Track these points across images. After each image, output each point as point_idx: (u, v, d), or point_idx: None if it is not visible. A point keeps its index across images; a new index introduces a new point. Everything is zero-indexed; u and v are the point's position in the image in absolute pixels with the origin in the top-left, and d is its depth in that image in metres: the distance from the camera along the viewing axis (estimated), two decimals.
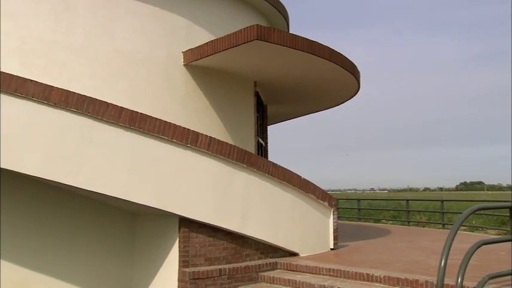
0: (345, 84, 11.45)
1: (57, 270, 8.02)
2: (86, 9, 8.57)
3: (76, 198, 8.23)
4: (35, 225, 7.94)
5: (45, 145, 6.64)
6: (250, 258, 8.13)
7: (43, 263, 7.92)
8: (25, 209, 7.92)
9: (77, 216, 8.27)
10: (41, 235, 7.96)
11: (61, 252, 8.08)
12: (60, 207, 8.15)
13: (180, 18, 9.41)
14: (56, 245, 8.05)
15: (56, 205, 8.12)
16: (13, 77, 6.59)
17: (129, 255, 8.58)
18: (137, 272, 8.49)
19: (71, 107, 6.73)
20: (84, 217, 8.31)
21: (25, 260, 7.82)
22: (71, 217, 8.22)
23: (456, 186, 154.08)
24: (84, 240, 8.28)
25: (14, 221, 7.81)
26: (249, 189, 7.98)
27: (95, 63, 8.55)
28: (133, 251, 8.60)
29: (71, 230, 8.20)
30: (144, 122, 7.08)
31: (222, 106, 9.99)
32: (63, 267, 8.06)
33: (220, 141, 7.64)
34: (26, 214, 7.91)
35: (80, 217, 8.29)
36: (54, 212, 8.10)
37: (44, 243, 7.97)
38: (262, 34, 7.91)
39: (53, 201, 8.11)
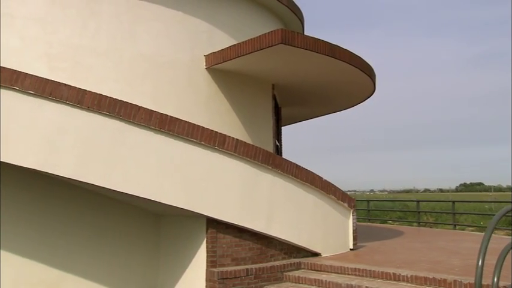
0: (361, 86, 11.59)
1: (84, 270, 8.18)
2: (111, 14, 8.72)
3: (103, 199, 8.39)
4: (65, 226, 8.10)
5: (78, 148, 6.79)
6: (275, 258, 8.26)
7: (72, 262, 8.08)
8: (55, 211, 8.08)
9: (104, 217, 8.42)
10: (70, 236, 8.12)
11: (88, 252, 8.23)
12: (88, 209, 8.31)
13: (202, 22, 9.56)
14: (83, 245, 8.20)
15: (83, 206, 8.28)
16: (48, 81, 6.75)
17: (154, 255, 8.72)
18: (162, 272, 8.63)
19: (103, 110, 6.88)
20: (110, 218, 8.46)
21: (55, 261, 7.98)
22: (98, 218, 8.37)
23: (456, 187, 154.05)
24: (111, 240, 8.43)
25: (45, 222, 7.98)
26: (273, 190, 8.12)
27: (120, 66, 8.70)
28: (159, 251, 8.75)
29: (98, 231, 8.35)
30: (174, 125, 7.22)
31: (242, 109, 10.13)
32: (90, 266, 8.21)
33: (246, 144, 7.78)
34: (55, 215, 8.07)
35: (107, 218, 8.44)
36: (82, 213, 8.26)
37: (73, 243, 8.13)
38: (286, 38, 8.05)
39: (81, 202, 8.27)
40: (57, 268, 8.03)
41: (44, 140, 6.69)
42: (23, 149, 6.62)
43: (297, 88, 11.73)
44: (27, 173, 7.91)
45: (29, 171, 7.80)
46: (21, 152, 6.62)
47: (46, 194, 8.11)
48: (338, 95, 12.38)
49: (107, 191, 7.34)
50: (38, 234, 7.97)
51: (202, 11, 9.58)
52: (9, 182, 7.86)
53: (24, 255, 7.87)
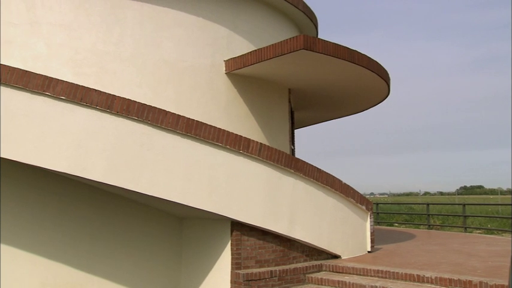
0: (376, 90, 11.73)
1: (109, 272, 8.33)
2: (134, 21, 8.88)
3: (127, 202, 8.54)
4: (91, 229, 8.26)
5: (108, 152, 6.95)
6: (297, 260, 8.39)
7: (97, 265, 8.23)
8: (81, 214, 8.24)
9: (128, 220, 8.57)
10: (96, 238, 8.27)
11: (113, 255, 8.38)
12: (113, 212, 8.46)
13: (221, 28, 9.72)
14: (108, 248, 8.35)
15: (109, 210, 8.43)
16: (78, 87, 6.91)
17: (177, 257, 8.87)
18: (185, 274, 8.77)
19: (132, 115, 7.04)
20: (134, 221, 8.61)
21: (81, 263, 8.13)
22: (123, 221, 8.52)
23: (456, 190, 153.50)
24: (134, 243, 8.57)
25: (71, 225, 8.14)
26: (295, 193, 8.26)
27: (143, 72, 8.86)
28: (181, 253, 8.89)
29: (123, 234, 8.50)
30: (200, 129, 7.37)
31: (260, 113, 10.28)
32: (115, 269, 8.36)
33: (270, 147, 7.93)
34: (81, 218, 8.23)
35: (131, 221, 8.59)
36: (107, 217, 8.41)
37: (98, 246, 8.28)
38: (308, 43, 8.20)
39: (106, 206, 8.43)
40: (83, 270, 8.19)
41: (75, 144, 6.85)
42: (55, 153, 6.78)
43: (311, 92, 11.87)
44: (54, 178, 8.09)
45: (56, 176, 8.00)
46: (54, 157, 6.77)
47: (72, 198, 8.27)
48: (352, 98, 12.53)
49: (133, 194, 7.49)
50: (64, 237, 8.13)
51: (222, 17, 9.74)
52: (38, 187, 8.03)
53: (52, 257, 8.03)
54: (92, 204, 8.37)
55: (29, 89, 6.75)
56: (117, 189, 7.40)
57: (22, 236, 7.96)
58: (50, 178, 8.11)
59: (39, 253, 8.02)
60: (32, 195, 8.10)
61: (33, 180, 8.11)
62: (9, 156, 6.74)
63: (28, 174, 8.05)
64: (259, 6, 10.49)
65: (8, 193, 8.00)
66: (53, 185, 8.19)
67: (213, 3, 9.64)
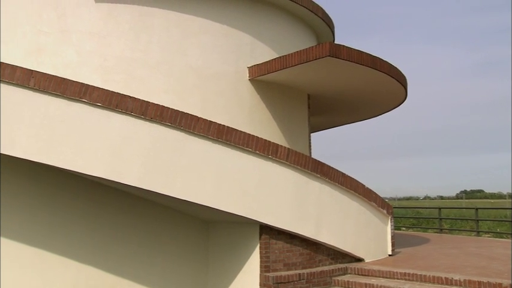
0: (393, 95, 11.90)
1: (138, 275, 8.49)
2: (161, 28, 9.08)
3: (155, 206, 8.71)
4: (120, 233, 8.43)
5: (142, 157, 7.12)
6: (323, 263, 8.54)
7: (126, 268, 8.40)
8: (111, 218, 8.42)
9: (156, 224, 8.74)
10: (125, 242, 8.44)
11: (142, 258, 8.55)
12: (142, 216, 8.64)
13: (245, 35, 9.90)
14: (137, 251, 8.52)
15: (137, 214, 8.61)
16: (114, 94, 7.09)
17: (203, 260, 9.02)
18: (211, 277, 8.92)
19: (165, 121, 7.21)
20: (162, 225, 8.79)
21: (111, 266, 8.31)
22: (151, 225, 8.69)
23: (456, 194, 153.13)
24: (162, 246, 8.74)
25: (102, 229, 8.32)
26: (321, 197, 8.41)
27: (170, 78, 9.04)
28: (207, 256, 9.04)
29: (151, 237, 8.67)
30: (230, 135, 7.54)
31: (281, 118, 10.44)
32: (143, 271, 8.53)
33: (297, 152, 8.09)
34: (112, 223, 8.41)
35: (159, 225, 8.76)
36: (136, 221, 8.59)
37: (128, 249, 8.45)
38: (333, 51, 8.38)
39: (135, 210, 8.60)
40: (113, 273, 8.35)
41: (111, 150, 7.02)
42: (92, 159, 6.95)
43: (329, 97, 12.04)
44: (84, 182, 8.27)
45: (85, 180, 8.18)
46: (91, 162, 6.95)
47: (101, 202, 8.45)
48: (369, 103, 12.69)
49: (163, 198, 7.65)
50: (94, 240, 8.30)
51: (246, 24, 9.92)
52: (69, 191, 8.22)
53: (83, 261, 8.20)
54: (120, 208, 8.54)
55: (67, 95, 6.94)
56: (148, 193, 7.57)
57: (54, 239, 8.14)
58: (80, 182, 8.28)
59: (71, 256, 8.20)
60: (63, 200, 8.27)
61: (64, 185, 8.29)
62: (47, 162, 6.91)
63: (59, 179, 8.23)
64: (280, 13, 10.67)
65: (40, 197, 8.18)
66: (83, 189, 8.37)
67: (237, 10, 9.83)
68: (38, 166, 7.95)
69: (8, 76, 6.88)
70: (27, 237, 8.11)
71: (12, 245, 8.06)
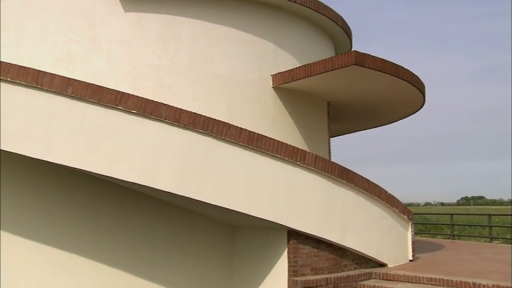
0: (412, 102, 12.06)
1: (166, 279, 8.67)
2: (188, 37, 9.27)
3: (182, 211, 8.88)
4: (150, 237, 8.61)
5: (176, 163, 7.29)
6: (348, 268, 8.67)
7: (155, 272, 8.57)
8: (141, 224, 8.60)
9: (183, 229, 8.91)
10: (154, 247, 8.61)
11: (170, 262, 8.71)
12: (169, 221, 8.81)
13: (268, 44, 10.09)
14: (166, 256, 8.69)
15: (164, 218, 8.79)
16: (148, 101, 7.27)
17: (229, 265, 9.17)
18: (237, 281, 9.06)
19: (198, 128, 7.38)
20: (189, 230, 8.95)
21: (140, 270, 8.49)
22: (178, 230, 8.87)
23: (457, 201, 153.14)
24: (189, 251, 8.90)
25: (132, 234, 8.49)
26: (347, 203, 8.55)
27: (197, 86, 9.23)
28: (233, 261, 9.19)
29: (178, 242, 8.83)
30: (260, 141, 7.70)
31: (303, 125, 10.61)
32: (172, 275, 8.71)
33: (324, 159, 8.24)
34: (142, 228, 8.59)
35: (186, 230, 8.93)
36: (163, 225, 8.76)
37: (156, 254, 8.62)
38: (359, 59, 8.55)
39: (162, 214, 8.78)
40: (142, 277, 8.52)
41: (146, 156, 7.20)
42: (127, 164, 7.13)
43: (348, 104, 12.19)
44: (113, 187, 8.44)
45: (114, 185, 8.36)
46: (126, 168, 7.12)
47: (130, 207, 8.63)
48: (387, 110, 12.85)
49: (192, 203, 7.80)
50: (125, 244, 8.47)
51: (269, 32, 10.11)
52: (99, 196, 8.41)
53: (113, 264, 8.37)
54: (149, 213, 8.72)
55: (103, 103, 7.12)
56: (178, 198, 7.73)
57: (86, 243, 8.32)
58: (111, 188, 8.46)
59: (102, 260, 8.37)
60: (95, 205, 8.46)
61: (95, 190, 8.48)
62: (84, 168, 7.09)
63: (90, 184, 8.41)
64: (301, 22, 10.86)
65: (72, 203, 8.37)
66: (114, 194, 8.55)
67: (261, 19, 10.02)
68: (70, 172, 8.15)
69: (47, 84, 7.08)
70: (60, 242, 8.29)
71: (45, 249, 8.24)
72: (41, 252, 8.30)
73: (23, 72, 7.11)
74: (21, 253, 8.30)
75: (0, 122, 6.98)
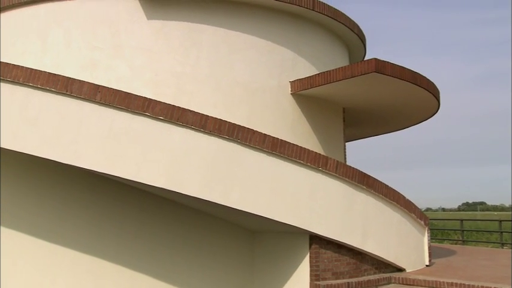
0: (427, 108, 12.18)
1: (188, 282, 8.78)
2: (209, 44, 9.43)
3: (203, 216, 9.00)
4: (171, 242, 8.74)
5: (202, 169, 7.41)
6: (368, 272, 8.76)
7: (177, 275, 8.70)
8: (163, 228, 8.73)
9: (205, 233, 9.03)
10: (176, 250, 8.74)
11: (191, 266, 8.83)
12: (190, 225, 8.94)
13: (287, 51, 10.23)
14: (187, 259, 8.81)
15: (186, 222, 8.92)
16: (175, 107, 7.41)
17: (249, 269, 9.28)
18: (257, 285, 9.16)
19: (223, 134, 7.52)
20: (210, 234, 9.07)
21: (162, 273, 8.61)
22: (200, 234, 8.99)
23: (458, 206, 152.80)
24: (210, 255, 9.01)
25: (154, 238, 8.63)
26: (367, 208, 8.66)
27: (218, 92, 9.38)
28: (253, 265, 9.30)
29: (200, 246, 8.95)
30: (284, 147, 7.83)
31: (320, 131, 10.73)
32: (193, 279, 8.82)
33: (345, 165, 8.37)
34: (164, 232, 8.72)
35: (207, 234, 9.05)
36: (185, 229, 8.90)
37: (178, 258, 8.74)
38: (379, 67, 8.68)
39: (184, 219, 8.90)
40: (165, 280, 8.65)
41: (172, 161, 7.33)
42: (154, 170, 7.26)
43: (362, 110, 12.32)
44: (134, 191, 8.58)
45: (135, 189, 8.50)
46: (153, 173, 7.25)
47: (152, 211, 8.76)
48: (401, 115, 12.97)
49: (213, 208, 7.91)
50: (148, 248, 8.59)
51: (288, 40, 10.26)
52: (121, 200, 8.56)
53: (137, 268, 8.49)
54: (171, 218, 8.85)
55: (131, 109, 7.27)
56: (203, 203, 7.85)
57: (109, 247, 8.45)
58: (133, 192, 8.60)
59: (124, 264, 8.49)
60: (117, 209, 8.60)
61: (117, 194, 8.62)
62: (112, 173, 7.22)
63: (113, 188, 8.55)
64: (318, 29, 11.01)
65: (94, 207, 8.51)
66: (135, 198, 8.68)
67: (280, 27, 10.17)
68: (93, 176, 8.30)
69: (76, 91, 7.23)
70: (83, 245, 8.42)
71: (69, 252, 8.38)
72: (65, 255, 8.44)
73: (53, 79, 7.27)
74: (45, 256, 8.44)
75: (33, 129, 7.13)
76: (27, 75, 7.28)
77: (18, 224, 8.49)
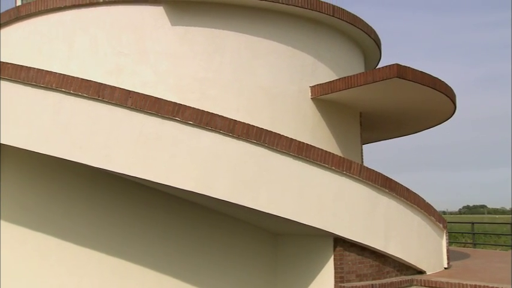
0: (443, 112, 12.31)
1: (211, 284, 8.92)
2: (232, 50, 9.58)
3: (226, 219, 9.15)
4: (197, 244, 8.90)
5: (231, 173, 7.56)
6: (390, 275, 8.89)
7: (202, 277, 8.84)
8: (189, 231, 8.88)
9: (228, 236, 9.18)
10: (201, 253, 8.90)
11: (217, 269, 8.98)
12: (215, 228, 9.10)
13: (307, 56, 10.38)
14: (212, 262, 8.96)
15: (211, 226, 9.06)
16: (204, 112, 7.57)
17: (271, 271, 9.42)
18: (280, 287, 9.28)
19: (251, 139, 7.67)
20: (233, 237, 9.23)
21: (188, 276, 8.75)
22: (223, 237, 9.15)
23: (459, 209, 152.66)
24: (234, 257, 9.16)
25: (180, 241, 8.78)
26: (389, 212, 8.79)
27: (240, 97, 9.53)
28: (276, 267, 9.43)
29: (223, 249, 9.10)
30: (309, 151, 7.97)
31: (339, 135, 10.87)
32: (217, 280, 8.95)
33: (368, 168, 8.50)
34: (190, 235, 8.87)
35: (230, 237, 9.20)
36: (210, 233, 9.05)
37: (203, 260, 8.89)
38: (401, 72, 8.83)
39: (208, 222, 9.06)
40: (189, 282, 8.80)
41: (202, 165, 7.48)
42: (184, 173, 7.41)
43: (379, 114, 12.46)
44: (163, 195, 8.73)
45: (164, 194, 8.65)
46: (183, 177, 7.40)
47: (177, 214, 8.91)
48: (417, 120, 13.11)
49: (239, 211, 8.06)
50: (172, 251, 8.74)
51: (308, 45, 10.41)
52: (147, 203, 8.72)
53: (161, 270, 8.64)
54: (195, 220, 9.00)
55: (161, 114, 7.43)
56: (228, 206, 7.99)
57: (135, 249, 8.60)
58: (158, 195, 8.75)
59: (150, 266, 8.63)
60: (143, 212, 8.75)
61: (144, 198, 8.77)
62: (142, 176, 7.38)
63: (139, 192, 8.70)
64: (337, 35, 11.16)
65: (120, 210, 8.67)
66: (161, 201, 8.83)
67: (300, 32, 10.33)
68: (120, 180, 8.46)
69: (108, 96, 7.39)
70: (110, 248, 8.57)
71: (95, 255, 8.52)
72: (91, 256, 8.59)
73: (85, 84, 7.43)
74: (72, 258, 8.59)
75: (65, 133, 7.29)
76: (59, 81, 7.44)
77: (46, 226, 8.65)
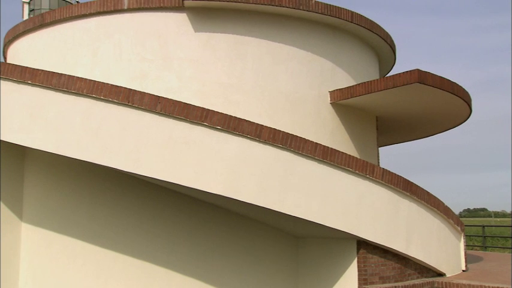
0: (459, 115, 12.43)
1: (234, 286, 9.03)
2: (254, 56, 9.75)
3: (248, 222, 9.29)
4: (221, 247, 9.05)
5: (257, 176, 7.71)
6: (411, 277, 9.01)
7: (226, 280, 8.98)
8: (213, 233, 9.03)
9: (251, 239, 9.33)
10: (225, 256, 9.06)
11: (240, 271, 9.13)
12: (238, 231, 9.25)
13: (326, 61, 10.54)
14: (235, 265, 9.10)
15: (235, 229, 9.21)
16: (231, 117, 7.73)
17: (293, 273, 9.56)
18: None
19: (277, 143, 7.82)
20: (256, 240, 9.37)
21: (213, 278, 8.91)
22: (246, 240, 9.29)
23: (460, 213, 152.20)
24: (256, 260, 9.30)
25: (204, 243, 8.93)
26: (410, 215, 8.92)
27: (262, 102, 9.68)
28: (297, 270, 9.56)
29: (246, 252, 9.24)
30: (334, 156, 8.12)
31: (356, 139, 11.01)
32: (240, 283, 9.09)
33: (390, 172, 8.63)
34: (213, 237, 9.02)
35: (253, 240, 9.35)
36: (233, 235, 9.20)
37: (227, 263, 9.04)
38: (421, 77, 8.97)
39: (231, 225, 9.20)
40: (213, 285, 8.92)
41: (229, 169, 7.63)
42: (212, 177, 7.56)
43: (394, 119, 12.59)
44: (187, 199, 8.89)
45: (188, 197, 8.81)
46: (211, 180, 7.56)
47: (201, 217, 9.07)
48: (432, 123, 13.24)
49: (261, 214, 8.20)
50: (197, 253, 8.90)
51: (327, 51, 10.56)
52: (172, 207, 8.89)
53: (186, 272, 8.81)
54: (219, 223, 9.15)
55: (189, 119, 7.59)
56: (253, 209, 8.14)
57: (160, 252, 8.75)
58: (183, 199, 8.91)
59: (175, 268, 8.79)
60: (167, 215, 8.91)
61: (169, 201, 8.93)
62: (171, 180, 7.53)
63: (164, 196, 8.86)
64: (354, 40, 11.32)
65: (146, 213, 8.83)
66: (185, 205, 8.99)
67: (319, 38, 10.49)
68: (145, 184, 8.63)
69: (138, 101, 7.56)
70: (135, 250, 8.73)
71: (121, 257, 8.69)
72: (116, 259, 8.75)
73: (115, 90, 7.60)
74: (98, 260, 8.75)
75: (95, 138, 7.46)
76: (90, 87, 7.62)
77: (72, 229, 8.83)
